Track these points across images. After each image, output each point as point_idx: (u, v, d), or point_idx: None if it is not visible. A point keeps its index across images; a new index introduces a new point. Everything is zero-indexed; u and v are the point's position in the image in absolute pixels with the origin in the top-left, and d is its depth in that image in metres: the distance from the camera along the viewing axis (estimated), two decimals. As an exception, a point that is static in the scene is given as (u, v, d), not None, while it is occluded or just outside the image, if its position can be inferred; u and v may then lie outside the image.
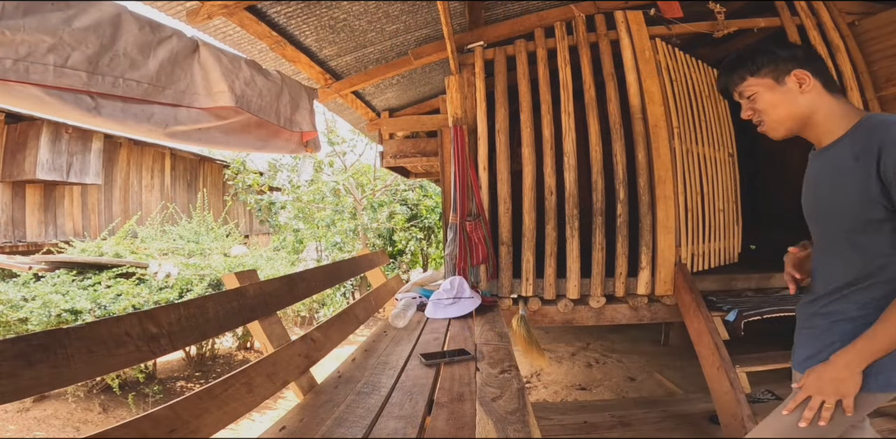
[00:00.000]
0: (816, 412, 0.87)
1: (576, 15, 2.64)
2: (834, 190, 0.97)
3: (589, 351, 3.81)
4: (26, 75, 0.89)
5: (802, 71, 0.98)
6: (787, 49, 1.03)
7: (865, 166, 0.88)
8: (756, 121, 1.07)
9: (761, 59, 1.02)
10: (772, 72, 1.01)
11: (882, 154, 0.86)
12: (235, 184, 8.18)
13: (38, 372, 0.69)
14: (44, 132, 5.57)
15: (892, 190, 0.86)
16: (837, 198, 0.96)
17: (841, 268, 0.98)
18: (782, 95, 1.00)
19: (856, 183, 0.91)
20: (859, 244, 0.94)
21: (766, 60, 1.01)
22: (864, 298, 0.93)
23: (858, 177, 0.90)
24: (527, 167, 2.60)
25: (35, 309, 2.87)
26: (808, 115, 1.00)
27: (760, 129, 1.07)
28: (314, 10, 2.18)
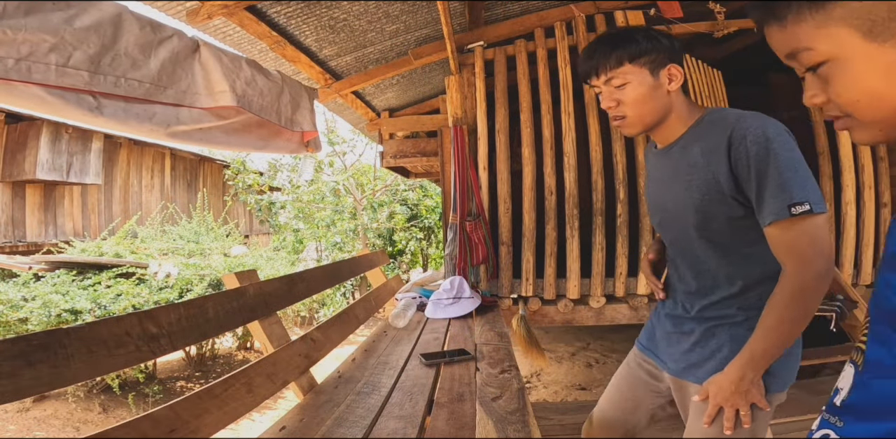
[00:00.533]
0: (734, 420, 0.86)
1: (576, 15, 2.64)
2: (688, 189, 0.90)
3: (589, 351, 3.81)
4: (28, 75, 0.89)
5: (676, 66, 0.91)
6: (667, 38, 0.92)
7: (716, 162, 0.85)
8: (615, 114, 0.94)
9: (645, 44, 0.90)
10: (651, 61, 0.90)
11: (731, 148, 0.82)
12: (235, 184, 8.18)
13: (38, 371, 0.69)
14: (44, 132, 5.57)
15: (744, 185, 0.82)
16: (691, 197, 0.90)
17: (707, 271, 0.94)
18: (653, 90, 0.91)
19: (708, 180, 0.87)
20: (721, 245, 0.91)
21: (650, 47, 0.90)
22: (742, 302, 0.90)
23: (709, 173, 0.86)
24: (527, 167, 2.60)
25: (35, 309, 2.87)
26: (666, 114, 0.93)
27: (616, 124, 0.96)
28: (314, 10, 2.18)
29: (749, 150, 0.81)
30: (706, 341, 0.93)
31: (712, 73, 2.93)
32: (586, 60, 0.95)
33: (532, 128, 2.62)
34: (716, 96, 2.90)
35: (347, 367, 1.52)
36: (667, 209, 1.00)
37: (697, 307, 0.96)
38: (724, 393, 0.85)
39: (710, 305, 0.94)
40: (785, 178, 0.79)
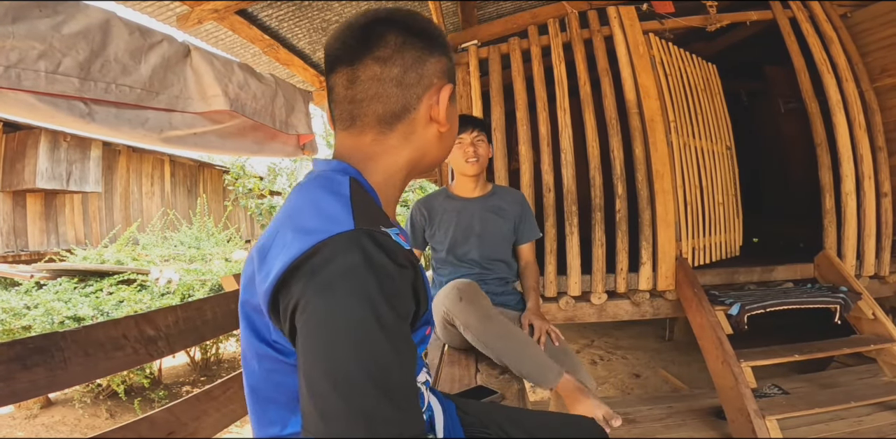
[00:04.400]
0: (549, 337, 1.47)
1: (568, 12, 2.64)
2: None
3: (593, 348, 3.80)
4: (18, 82, 0.90)
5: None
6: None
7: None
8: (478, 156, 1.64)
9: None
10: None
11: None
12: (235, 188, 8.19)
13: (34, 375, 0.69)
14: (42, 141, 5.59)
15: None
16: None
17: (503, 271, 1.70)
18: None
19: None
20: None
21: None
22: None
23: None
24: (524, 164, 2.60)
25: (38, 316, 2.88)
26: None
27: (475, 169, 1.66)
28: (305, 13, 2.19)
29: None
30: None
31: (707, 67, 2.93)
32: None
33: (528, 125, 2.62)
34: (711, 90, 2.89)
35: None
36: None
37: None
38: (538, 321, 1.52)
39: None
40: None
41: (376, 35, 0.56)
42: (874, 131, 2.57)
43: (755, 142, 4.36)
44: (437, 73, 0.59)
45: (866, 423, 1.85)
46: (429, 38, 0.58)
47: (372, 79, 0.56)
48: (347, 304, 0.40)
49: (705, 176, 2.65)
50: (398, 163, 0.60)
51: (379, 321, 0.40)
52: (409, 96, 0.57)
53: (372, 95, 0.57)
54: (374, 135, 0.58)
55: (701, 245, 2.59)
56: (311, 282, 0.42)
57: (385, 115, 0.57)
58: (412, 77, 0.57)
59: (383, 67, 0.56)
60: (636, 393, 2.86)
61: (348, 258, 0.42)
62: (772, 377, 2.33)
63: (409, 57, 0.56)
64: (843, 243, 2.51)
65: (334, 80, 0.58)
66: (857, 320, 2.22)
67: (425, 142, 0.60)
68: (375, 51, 0.56)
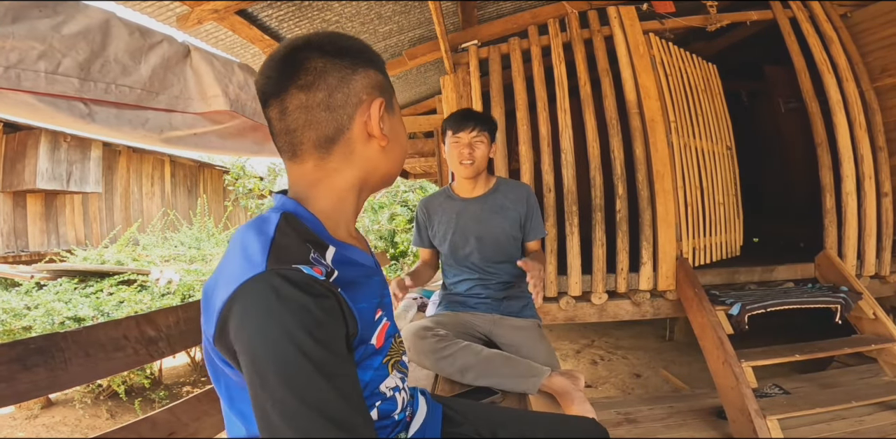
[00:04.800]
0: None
1: (568, 11, 2.64)
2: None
3: (594, 348, 3.80)
4: (18, 82, 0.90)
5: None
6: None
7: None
8: (472, 159, 1.52)
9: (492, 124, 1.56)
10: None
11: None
12: (236, 189, 8.19)
13: (35, 375, 0.69)
14: (42, 141, 5.59)
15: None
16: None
17: (506, 274, 1.59)
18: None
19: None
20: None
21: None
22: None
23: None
24: (524, 165, 2.60)
25: (38, 317, 2.88)
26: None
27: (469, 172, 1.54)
28: (305, 13, 2.19)
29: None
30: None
31: (707, 67, 2.93)
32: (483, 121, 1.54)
33: (529, 125, 2.62)
34: (712, 90, 2.89)
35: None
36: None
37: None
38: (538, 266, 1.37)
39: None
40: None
41: (297, 63, 0.57)
42: (874, 131, 2.56)
43: (756, 142, 4.35)
44: (366, 89, 0.60)
45: (867, 423, 1.85)
46: (351, 56, 0.59)
47: (299, 107, 0.57)
48: (269, 342, 0.44)
49: (706, 176, 2.65)
50: (344, 185, 0.61)
51: (302, 352, 0.44)
52: (340, 117, 0.58)
53: (303, 123, 0.58)
54: (314, 161, 0.60)
55: (701, 245, 2.59)
56: (236, 325, 0.46)
57: (320, 140, 0.58)
58: (339, 98, 0.58)
59: (308, 94, 0.57)
60: (637, 393, 2.85)
61: (260, 299, 0.46)
62: (773, 377, 2.33)
63: (333, 79, 0.57)
64: (844, 243, 2.51)
65: (268, 113, 0.60)
66: (857, 320, 2.22)
67: (368, 159, 0.61)
68: (297, 79, 0.57)
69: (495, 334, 1.53)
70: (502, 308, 1.57)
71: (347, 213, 0.63)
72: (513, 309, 1.58)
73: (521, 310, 1.59)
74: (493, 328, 1.53)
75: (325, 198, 0.60)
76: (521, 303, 1.60)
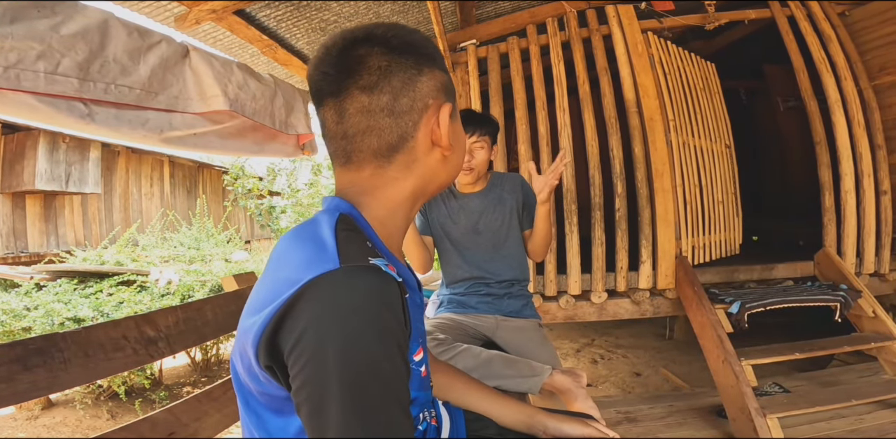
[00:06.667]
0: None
1: (567, 11, 2.64)
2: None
3: (594, 347, 3.80)
4: (17, 83, 0.90)
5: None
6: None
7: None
8: (472, 167, 1.47)
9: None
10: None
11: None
12: (235, 189, 8.19)
13: (35, 376, 0.69)
14: (41, 142, 5.58)
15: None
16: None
17: (507, 271, 1.57)
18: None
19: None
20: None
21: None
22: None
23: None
24: (523, 164, 2.60)
25: (38, 318, 2.88)
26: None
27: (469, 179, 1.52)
28: (304, 13, 2.19)
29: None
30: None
31: (706, 65, 2.93)
32: (491, 125, 1.50)
33: (528, 124, 2.62)
34: (710, 89, 2.90)
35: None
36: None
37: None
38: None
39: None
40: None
41: (357, 60, 0.51)
42: (873, 129, 2.57)
43: (754, 140, 4.36)
44: (432, 93, 0.54)
45: (867, 421, 1.85)
46: (416, 54, 0.53)
47: (360, 111, 0.52)
48: (344, 343, 0.40)
49: (705, 174, 2.65)
50: (402, 195, 0.56)
51: (383, 361, 0.41)
52: (405, 124, 0.53)
53: (364, 129, 0.52)
54: (372, 169, 0.55)
55: (701, 243, 2.60)
56: (302, 326, 0.41)
57: (381, 149, 0.53)
58: (404, 103, 0.52)
59: (371, 97, 0.51)
60: (637, 391, 2.86)
61: (339, 296, 0.42)
62: (773, 375, 2.33)
63: (398, 80, 0.52)
64: (843, 241, 2.51)
65: (323, 114, 0.55)
66: (857, 318, 2.22)
67: (429, 168, 0.56)
68: (359, 79, 0.51)
69: (497, 336, 1.52)
70: (503, 306, 1.56)
71: (399, 225, 0.58)
72: (513, 307, 1.57)
73: (521, 309, 1.58)
74: (494, 330, 1.53)
75: (379, 208, 0.55)
76: (522, 302, 1.59)
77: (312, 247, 0.47)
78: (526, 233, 1.57)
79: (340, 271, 0.43)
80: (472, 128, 1.43)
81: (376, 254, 0.48)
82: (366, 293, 0.42)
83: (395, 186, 0.55)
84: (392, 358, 0.42)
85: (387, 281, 0.44)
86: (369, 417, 0.40)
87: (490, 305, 1.56)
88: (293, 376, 0.42)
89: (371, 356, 0.41)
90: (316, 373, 0.40)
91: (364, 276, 0.43)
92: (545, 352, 1.42)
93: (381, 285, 0.44)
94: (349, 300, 0.41)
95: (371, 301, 0.42)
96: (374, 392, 0.40)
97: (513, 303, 1.57)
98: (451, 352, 1.31)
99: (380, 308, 0.42)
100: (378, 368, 0.41)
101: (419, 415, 0.61)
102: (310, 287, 0.42)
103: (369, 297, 0.42)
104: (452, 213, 1.57)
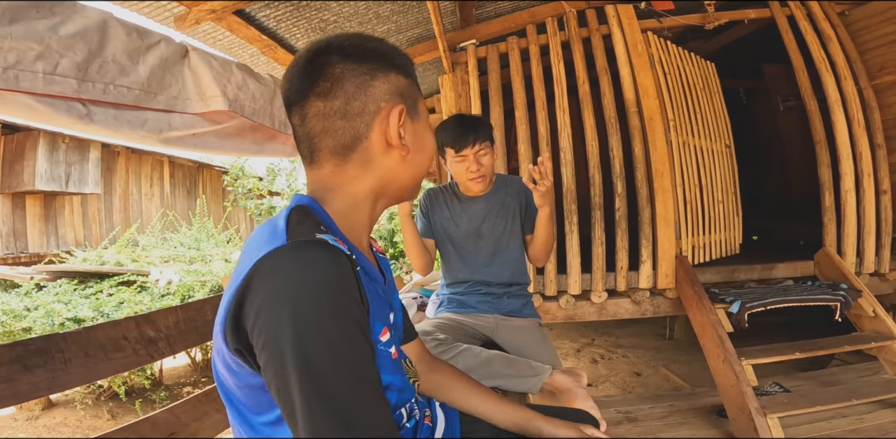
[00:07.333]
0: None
1: (567, 10, 2.64)
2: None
3: (594, 347, 3.80)
4: (16, 83, 0.90)
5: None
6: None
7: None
8: (482, 174, 1.45)
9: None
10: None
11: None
12: (235, 189, 8.19)
13: (35, 376, 0.69)
14: (41, 142, 5.59)
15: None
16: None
17: (508, 273, 1.56)
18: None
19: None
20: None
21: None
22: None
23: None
24: (523, 164, 2.60)
25: (38, 318, 2.88)
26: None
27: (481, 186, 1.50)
28: (303, 13, 2.18)
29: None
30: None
31: (706, 65, 2.93)
32: (470, 135, 1.42)
33: (527, 124, 2.62)
34: (710, 89, 2.89)
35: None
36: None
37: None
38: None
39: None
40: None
41: (316, 69, 0.56)
42: (873, 129, 2.57)
43: (754, 140, 4.36)
44: (385, 96, 0.58)
45: (868, 421, 1.85)
46: (371, 61, 0.57)
47: (317, 115, 0.56)
48: (296, 322, 0.41)
49: (705, 174, 2.65)
50: (360, 192, 0.60)
51: (338, 324, 0.42)
52: (357, 126, 0.57)
53: (320, 131, 0.57)
54: (331, 167, 0.59)
55: (701, 243, 2.60)
56: (258, 303, 0.43)
57: (336, 148, 0.58)
58: (356, 106, 0.56)
59: (325, 102, 0.56)
60: (637, 391, 2.86)
61: (287, 269, 0.43)
62: (773, 375, 2.33)
63: (350, 85, 0.56)
64: (843, 240, 2.51)
65: (292, 119, 0.59)
66: (857, 318, 2.22)
67: (387, 168, 0.60)
68: (316, 86, 0.56)
69: (497, 336, 1.52)
70: (503, 306, 1.56)
71: (361, 221, 0.61)
72: (513, 307, 1.57)
73: (521, 309, 1.58)
74: (494, 330, 1.53)
75: (339, 202, 0.59)
76: (522, 302, 1.59)
77: (267, 232, 0.51)
78: (527, 238, 1.56)
79: (288, 247, 0.45)
80: (470, 137, 1.40)
81: (326, 232, 0.50)
82: (314, 266, 0.44)
83: (354, 184, 0.59)
84: (350, 336, 0.42)
85: (335, 253, 0.46)
86: (332, 402, 0.40)
87: (490, 305, 1.56)
88: (258, 355, 0.43)
89: (325, 335, 0.41)
90: (273, 355, 0.41)
91: (310, 249, 0.45)
92: (545, 352, 1.42)
93: (329, 257, 0.45)
94: (298, 275, 0.43)
95: (319, 274, 0.43)
96: (333, 373, 0.40)
97: (513, 303, 1.57)
98: (452, 352, 1.31)
99: (330, 281, 0.43)
100: (334, 348, 0.41)
101: (401, 408, 0.60)
102: (261, 264, 0.44)
103: (317, 270, 0.43)
104: (455, 216, 1.56)
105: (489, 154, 1.45)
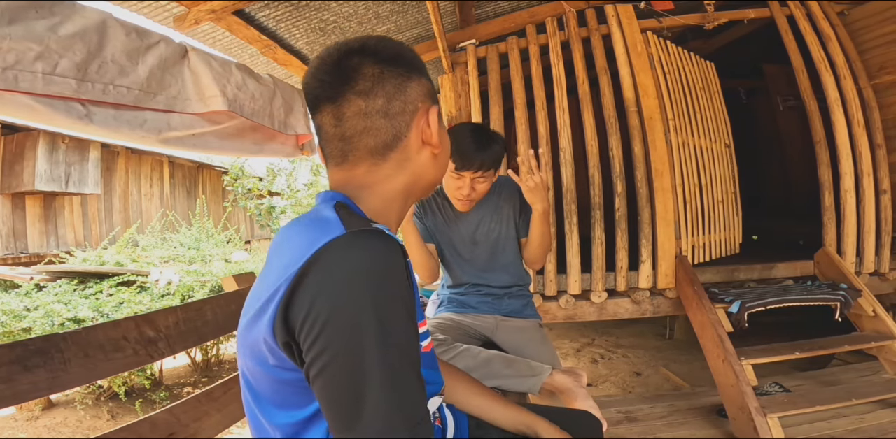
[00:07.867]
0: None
1: (566, 10, 2.64)
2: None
3: (594, 346, 3.80)
4: (15, 83, 0.90)
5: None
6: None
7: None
8: (471, 198, 1.39)
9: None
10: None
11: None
12: (235, 189, 8.19)
13: (35, 376, 0.69)
14: (41, 143, 5.59)
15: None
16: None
17: (506, 277, 1.55)
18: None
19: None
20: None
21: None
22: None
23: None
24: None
25: (38, 318, 2.87)
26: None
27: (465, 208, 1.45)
28: (303, 13, 2.18)
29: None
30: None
31: (705, 65, 2.93)
32: (480, 156, 1.33)
33: (527, 124, 2.62)
34: (710, 88, 2.89)
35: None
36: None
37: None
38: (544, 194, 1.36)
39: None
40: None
41: (352, 68, 0.56)
42: (873, 128, 2.57)
43: (754, 140, 4.36)
44: (420, 97, 0.59)
45: (868, 421, 1.85)
46: (405, 63, 0.59)
47: (357, 114, 0.56)
48: (362, 305, 0.42)
49: (704, 174, 2.65)
50: (394, 190, 0.60)
51: (395, 310, 0.43)
52: (398, 125, 0.58)
53: (361, 130, 0.57)
54: (367, 167, 0.59)
55: (701, 243, 2.60)
56: (313, 294, 0.43)
57: (377, 147, 0.58)
58: (397, 105, 0.57)
59: (367, 101, 0.56)
60: (637, 391, 2.86)
61: (347, 259, 0.44)
62: (773, 375, 2.33)
63: (390, 85, 0.57)
64: (843, 240, 2.51)
65: (320, 119, 0.59)
66: (857, 317, 2.22)
67: (419, 165, 0.61)
68: (355, 85, 0.56)
69: (496, 336, 1.52)
70: (503, 306, 1.55)
71: (392, 219, 0.62)
72: (514, 307, 1.56)
73: (521, 309, 1.57)
74: (494, 330, 1.52)
75: (375, 200, 0.59)
76: (522, 302, 1.59)
77: (315, 227, 0.50)
78: (522, 241, 1.53)
79: (349, 235, 0.45)
80: (476, 163, 1.32)
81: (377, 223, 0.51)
82: (373, 255, 0.44)
83: (388, 182, 0.60)
84: (403, 322, 0.43)
85: (393, 243, 0.47)
86: (409, 378, 0.42)
87: (490, 305, 1.56)
88: (307, 348, 0.43)
89: (383, 320, 0.42)
90: (340, 340, 0.41)
91: (370, 239, 0.46)
92: (545, 352, 1.41)
93: (388, 246, 0.46)
94: (358, 263, 0.43)
95: (386, 261, 0.44)
96: (407, 354, 0.43)
97: (513, 303, 1.57)
98: (451, 353, 1.30)
99: (395, 268, 0.44)
100: (391, 331, 0.42)
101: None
102: (318, 256, 0.44)
103: (376, 260, 0.44)
104: (449, 222, 1.53)
105: (487, 181, 1.39)
